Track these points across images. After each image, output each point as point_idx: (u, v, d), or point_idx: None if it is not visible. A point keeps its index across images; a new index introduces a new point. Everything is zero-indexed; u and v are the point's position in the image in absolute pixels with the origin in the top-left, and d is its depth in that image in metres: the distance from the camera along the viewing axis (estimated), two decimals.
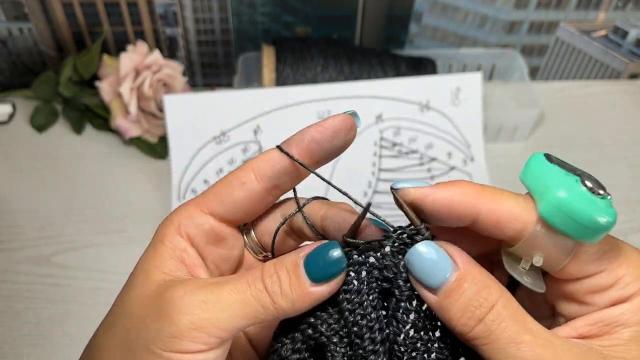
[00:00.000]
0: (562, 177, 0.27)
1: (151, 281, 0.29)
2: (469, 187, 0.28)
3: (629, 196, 0.77)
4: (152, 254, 0.31)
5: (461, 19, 0.86)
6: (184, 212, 0.31)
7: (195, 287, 0.28)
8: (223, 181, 0.32)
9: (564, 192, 0.26)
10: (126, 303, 0.30)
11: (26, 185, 0.76)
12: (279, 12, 0.83)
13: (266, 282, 0.28)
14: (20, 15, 0.81)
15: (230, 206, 0.31)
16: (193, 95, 0.74)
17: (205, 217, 0.31)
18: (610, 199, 0.26)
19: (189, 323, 0.27)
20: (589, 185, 0.26)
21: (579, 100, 0.90)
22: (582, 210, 0.26)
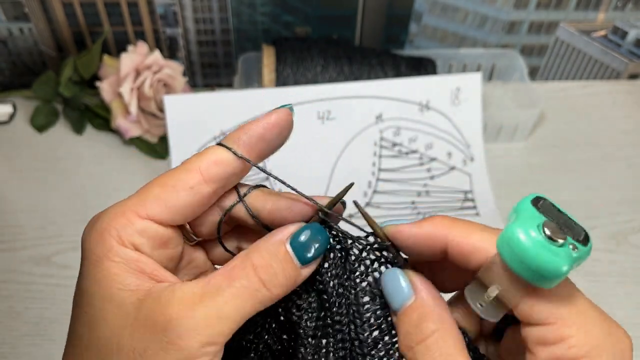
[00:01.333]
0: (529, 217, 0.27)
1: (124, 307, 0.27)
2: (440, 222, 0.30)
3: (629, 196, 0.77)
4: (104, 275, 0.28)
5: (461, 19, 0.86)
6: (119, 220, 0.29)
7: (189, 305, 0.27)
8: (163, 184, 0.30)
9: (516, 230, 0.26)
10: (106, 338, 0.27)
11: (26, 185, 0.76)
12: (279, 12, 0.83)
13: (262, 277, 0.28)
14: (20, 15, 0.81)
15: (175, 211, 0.30)
16: (193, 96, 0.74)
17: (145, 222, 0.29)
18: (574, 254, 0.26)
19: (199, 344, 0.26)
20: (547, 231, 0.26)
21: (579, 100, 0.90)
22: (527, 251, 0.26)
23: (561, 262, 0.25)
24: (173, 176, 0.30)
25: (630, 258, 0.70)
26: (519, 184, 0.77)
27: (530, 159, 0.81)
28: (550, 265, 0.25)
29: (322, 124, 0.73)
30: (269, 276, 0.28)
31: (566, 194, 0.77)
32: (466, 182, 0.75)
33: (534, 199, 0.28)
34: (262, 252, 0.29)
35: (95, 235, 0.29)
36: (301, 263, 0.29)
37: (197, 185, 0.30)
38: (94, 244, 0.29)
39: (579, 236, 0.27)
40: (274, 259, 0.29)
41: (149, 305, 0.27)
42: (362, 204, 0.73)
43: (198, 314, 0.26)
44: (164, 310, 0.26)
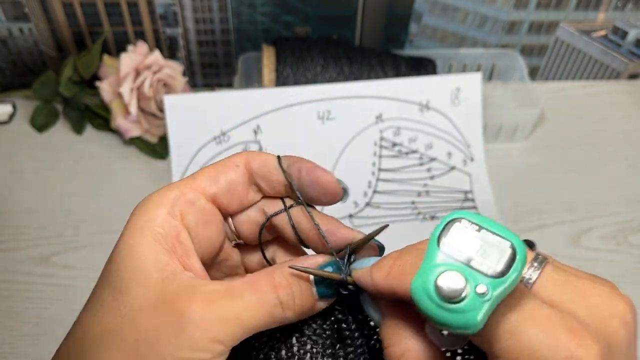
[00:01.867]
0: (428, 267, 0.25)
1: (151, 284, 0.28)
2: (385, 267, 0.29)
3: (629, 196, 0.77)
4: (140, 242, 0.29)
5: (461, 19, 0.86)
6: (172, 192, 0.31)
7: (209, 300, 0.28)
8: (215, 164, 0.32)
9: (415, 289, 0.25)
10: (126, 308, 0.28)
11: (26, 185, 0.76)
12: (279, 12, 0.83)
13: (281, 296, 0.29)
14: (20, 15, 0.81)
15: (223, 186, 0.32)
16: (193, 95, 0.74)
17: (196, 194, 0.31)
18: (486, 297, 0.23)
19: (208, 339, 0.27)
20: (443, 291, 0.24)
21: (579, 100, 0.90)
22: (431, 315, 0.24)
23: (468, 317, 0.23)
24: (226, 158, 0.33)
25: (630, 258, 0.70)
26: (519, 184, 0.77)
27: (530, 159, 0.81)
28: (456, 323, 0.24)
29: (322, 124, 0.73)
30: (286, 298, 0.29)
31: (566, 194, 0.77)
32: (466, 182, 0.75)
33: (442, 230, 0.26)
34: (286, 273, 0.30)
35: (148, 202, 0.31)
36: (319, 295, 0.30)
37: (242, 166, 0.32)
38: (144, 209, 0.30)
39: (496, 266, 0.24)
40: (295, 283, 0.30)
41: (173, 290, 0.28)
42: (362, 204, 0.73)
43: (217, 310, 0.27)
44: (187, 299, 0.27)
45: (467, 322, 0.24)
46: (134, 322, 0.28)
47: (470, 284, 0.24)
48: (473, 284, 0.24)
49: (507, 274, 0.24)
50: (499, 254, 0.24)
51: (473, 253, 0.25)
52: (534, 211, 0.75)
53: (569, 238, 0.72)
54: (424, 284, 0.24)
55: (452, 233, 0.25)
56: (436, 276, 0.24)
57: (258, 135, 0.72)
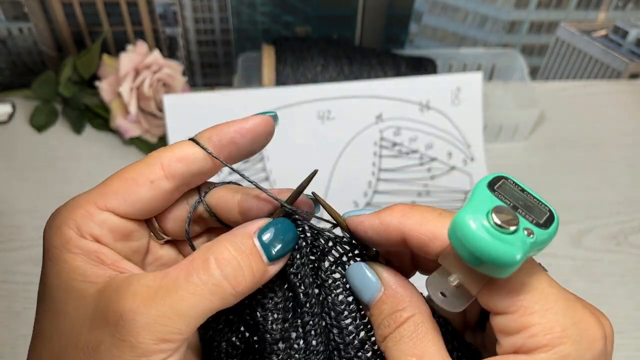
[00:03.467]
0: (480, 201, 0.25)
1: (85, 299, 0.26)
2: (397, 211, 0.29)
3: (629, 196, 0.77)
4: (63, 267, 0.27)
5: (461, 19, 0.86)
6: (77, 212, 0.28)
7: (144, 298, 0.25)
8: (124, 177, 0.29)
9: (462, 218, 0.25)
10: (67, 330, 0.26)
11: (25, 185, 0.76)
12: (279, 12, 0.83)
13: (225, 271, 0.26)
14: (20, 15, 0.81)
15: (135, 205, 0.29)
16: (193, 95, 0.73)
17: (104, 214, 0.28)
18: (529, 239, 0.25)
19: (152, 341, 0.25)
20: (495, 218, 0.24)
21: (579, 100, 0.90)
22: (472, 239, 0.24)
23: (512, 250, 0.24)
24: (134, 169, 0.29)
25: (630, 258, 0.70)
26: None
27: (530, 159, 0.81)
28: (501, 255, 0.24)
29: (322, 124, 0.73)
30: (233, 270, 0.27)
31: (566, 194, 0.77)
32: (466, 182, 0.75)
33: (491, 180, 0.27)
34: (227, 244, 0.27)
35: (54, 228, 0.28)
36: (269, 259, 0.28)
37: (158, 180, 0.29)
38: (53, 236, 0.28)
39: (539, 219, 0.26)
40: (239, 252, 0.27)
41: (106, 296, 0.26)
42: (362, 204, 0.73)
43: (152, 311, 0.25)
44: (117, 304, 0.25)
45: (508, 257, 0.24)
46: (77, 342, 0.26)
47: (521, 222, 0.25)
48: (522, 224, 0.25)
49: (549, 227, 0.26)
50: (540, 213, 0.26)
51: (519, 204, 0.26)
52: None
53: (569, 238, 0.72)
54: (476, 213, 0.25)
55: (500, 186, 0.27)
56: (491, 207, 0.25)
57: None
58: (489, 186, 0.26)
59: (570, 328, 0.25)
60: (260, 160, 0.72)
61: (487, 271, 0.25)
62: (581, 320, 0.25)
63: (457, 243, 0.25)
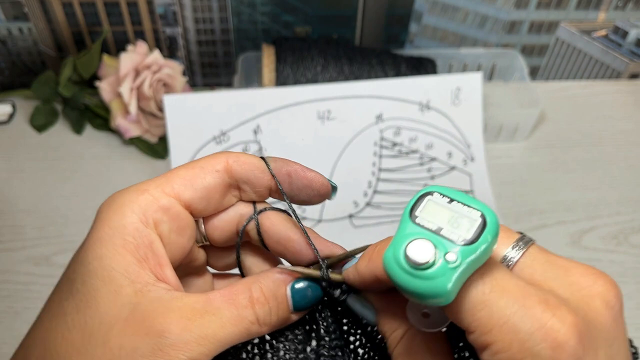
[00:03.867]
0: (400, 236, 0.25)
1: (122, 297, 0.26)
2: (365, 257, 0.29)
3: (629, 196, 0.77)
4: (109, 252, 0.27)
5: (461, 19, 0.86)
6: (144, 196, 0.28)
7: (187, 318, 0.26)
8: (192, 166, 0.30)
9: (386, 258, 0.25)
10: (95, 323, 0.26)
11: (26, 185, 0.76)
12: (279, 12, 0.83)
13: (258, 313, 0.29)
14: (20, 15, 0.81)
15: (201, 191, 0.30)
16: (193, 95, 0.74)
17: (170, 199, 0.29)
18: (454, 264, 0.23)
19: (186, 358, 0.26)
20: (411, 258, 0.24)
21: (579, 100, 0.90)
22: (399, 283, 0.24)
23: (437, 284, 0.23)
24: (204, 159, 0.31)
25: (630, 258, 0.70)
26: (519, 184, 0.77)
27: (530, 159, 0.81)
28: (426, 291, 0.23)
29: (322, 124, 0.73)
30: (263, 313, 0.29)
31: (566, 194, 0.77)
32: (466, 182, 0.75)
33: (414, 203, 0.26)
34: (264, 288, 0.29)
35: (116, 207, 0.28)
36: (294, 309, 0.30)
37: (222, 171, 0.30)
38: (112, 216, 0.28)
39: (466, 234, 0.24)
40: (272, 298, 0.29)
41: (145, 307, 0.26)
42: (362, 204, 0.73)
43: (195, 330, 0.26)
44: (162, 317, 0.26)
45: (437, 290, 0.23)
46: (106, 340, 0.26)
47: (440, 251, 0.24)
48: (442, 252, 0.24)
49: (477, 241, 0.24)
50: (469, 224, 0.24)
51: (444, 223, 0.25)
52: (534, 211, 0.75)
53: (569, 238, 0.72)
54: (395, 253, 0.24)
55: (424, 206, 0.26)
56: (405, 244, 0.24)
57: (258, 135, 0.72)
58: (410, 213, 0.26)
59: (530, 339, 0.23)
60: None
61: (429, 303, 0.24)
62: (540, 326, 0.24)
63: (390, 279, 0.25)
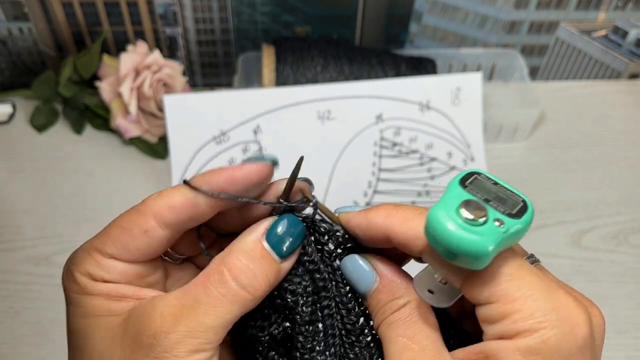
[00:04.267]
0: (451, 197, 0.26)
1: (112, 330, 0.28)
2: (382, 211, 0.30)
3: (629, 196, 0.77)
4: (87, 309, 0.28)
5: (461, 19, 0.86)
6: (87, 260, 0.29)
7: (171, 317, 0.27)
8: (120, 226, 0.30)
9: (433, 213, 0.26)
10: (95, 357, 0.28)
11: (26, 185, 0.76)
12: (279, 12, 0.83)
13: (241, 280, 0.28)
14: (20, 15, 0.81)
15: (134, 253, 0.30)
16: (193, 95, 0.74)
17: (109, 261, 0.29)
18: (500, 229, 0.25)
19: (185, 353, 0.27)
20: (465, 212, 0.25)
21: (579, 100, 0.90)
22: (445, 236, 0.25)
23: (483, 242, 0.25)
24: (129, 218, 0.30)
25: (630, 258, 0.70)
26: (519, 184, 0.77)
27: (530, 159, 0.81)
28: (472, 247, 0.24)
29: (322, 124, 0.73)
30: (248, 279, 0.28)
31: (566, 194, 0.77)
32: None
33: (463, 176, 0.28)
34: (238, 254, 0.28)
35: (70, 275, 0.29)
36: (280, 257, 0.29)
37: (151, 230, 0.29)
38: (70, 283, 0.29)
39: (511, 209, 0.26)
40: (251, 260, 0.28)
41: (133, 322, 0.27)
42: (362, 204, 0.73)
43: (180, 328, 0.27)
44: (147, 326, 0.27)
45: (480, 249, 0.24)
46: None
47: (490, 213, 0.26)
48: (492, 215, 0.26)
49: (520, 218, 0.26)
50: (513, 204, 0.27)
51: (491, 197, 0.27)
52: (534, 211, 0.74)
53: (569, 238, 0.72)
54: (446, 208, 0.25)
55: (472, 180, 0.28)
56: (460, 201, 0.26)
57: (258, 135, 0.72)
58: (461, 182, 0.27)
59: (551, 313, 0.25)
60: None
61: (463, 264, 0.25)
62: (562, 305, 0.26)
63: (431, 239, 0.26)
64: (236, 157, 0.72)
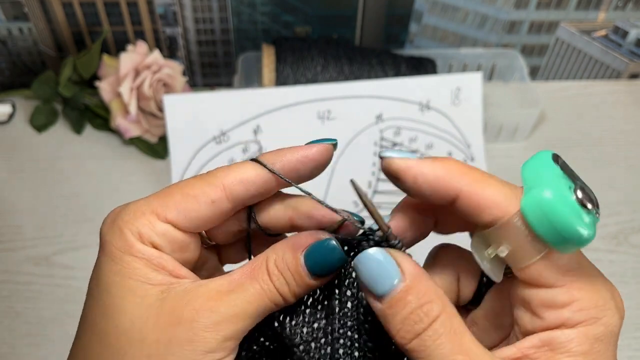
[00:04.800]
0: (557, 178, 0.26)
1: (147, 298, 0.28)
2: (454, 165, 0.28)
3: (629, 196, 0.77)
4: (125, 267, 0.28)
5: (461, 19, 0.86)
6: (140, 219, 0.29)
7: (215, 300, 0.27)
8: (186, 193, 0.29)
9: (550, 192, 0.25)
10: (122, 332, 0.27)
11: (26, 185, 0.76)
12: (279, 12, 0.83)
13: (275, 284, 0.28)
14: (20, 15, 0.81)
15: (195, 222, 0.30)
16: (193, 95, 0.74)
17: (165, 225, 0.29)
18: (597, 219, 0.25)
19: (221, 339, 0.27)
20: (579, 196, 0.25)
21: (579, 100, 0.90)
22: (561, 216, 0.24)
23: (591, 229, 0.25)
24: (196, 186, 0.30)
25: (630, 258, 0.70)
26: (519, 184, 0.77)
27: None
28: (582, 232, 0.24)
29: (322, 124, 0.73)
30: (279, 284, 0.29)
31: None
32: None
33: (553, 156, 0.27)
34: (278, 259, 0.29)
35: (116, 229, 0.29)
36: (312, 275, 0.29)
37: (219, 200, 0.29)
38: (115, 238, 0.29)
39: (597, 201, 0.26)
40: (285, 269, 0.29)
41: (173, 299, 0.28)
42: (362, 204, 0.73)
43: (223, 309, 0.27)
44: (191, 304, 0.27)
45: (590, 237, 0.24)
46: (141, 338, 0.27)
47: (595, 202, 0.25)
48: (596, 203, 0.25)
49: (598, 208, 0.26)
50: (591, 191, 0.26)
51: (580, 182, 0.26)
52: None
53: None
54: (558, 189, 0.25)
55: (563, 164, 0.27)
56: (571, 185, 0.25)
57: (258, 135, 0.72)
58: (555, 161, 0.27)
59: (610, 301, 0.26)
60: None
61: (559, 246, 0.25)
62: (616, 294, 0.27)
63: (538, 217, 0.25)
64: (236, 157, 0.72)
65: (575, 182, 0.26)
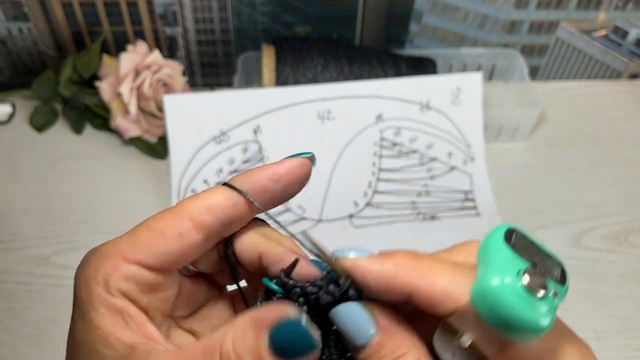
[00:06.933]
0: (507, 261, 0.24)
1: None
2: (403, 260, 0.26)
3: (629, 196, 0.77)
4: (88, 327, 0.27)
5: (461, 19, 0.86)
6: (106, 265, 0.27)
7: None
8: (151, 229, 0.28)
9: (496, 280, 0.23)
10: None
11: (26, 185, 0.76)
12: (279, 12, 0.83)
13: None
14: (19, 15, 0.81)
15: (163, 258, 0.28)
16: (193, 95, 0.74)
17: (132, 267, 0.27)
18: (556, 301, 0.24)
19: None
20: (527, 282, 0.23)
21: (579, 100, 0.90)
22: (505, 306, 0.23)
23: (544, 317, 0.23)
24: (162, 220, 0.28)
25: (630, 258, 0.70)
26: (519, 184, 0.77)
27: (530, 159, 0.81)
28: (534, 323, 0.23)
29: (322, 124, 0.73)
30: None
31: (566, 194, 0.77)
32: (466, 182, 0.75)
33: (505, 233, 0.25)
34: (237, 339, 0.25)
35: (83, 280, 0.28)
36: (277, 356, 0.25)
37: (187, 232, 0.27)
38: (82, 290, 0.27)
39: (557, 275, 0.24)
40: (245, 351, 0.25)
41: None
42: (362, 204, 0.73)
43: None
44: None
45: (542, 324, 0.23)
46: None
47: (550, 284, 0.24)
48: (550, 285, 0.24)
49: (565, 283, 0.24)
50: (555, 267, 0.25)
51: (537, 260, 0.25)
52: (534, 211, 0.75)
53: (569, 238, 0.72)
54: (504, 275, 0.23)
55: (516, 241, 0.25)
56: (518, 269, 0.23)
57: (258, 135, 0.72)
58: (506, 241, 0.25)
59: None
60: (260, 160, 0.72)
61: (514, 337, 0.24)
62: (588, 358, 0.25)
63: (484, 308, 0.23)
64: (236, 157, 0.72)
65: (530, 261, 0.24)
